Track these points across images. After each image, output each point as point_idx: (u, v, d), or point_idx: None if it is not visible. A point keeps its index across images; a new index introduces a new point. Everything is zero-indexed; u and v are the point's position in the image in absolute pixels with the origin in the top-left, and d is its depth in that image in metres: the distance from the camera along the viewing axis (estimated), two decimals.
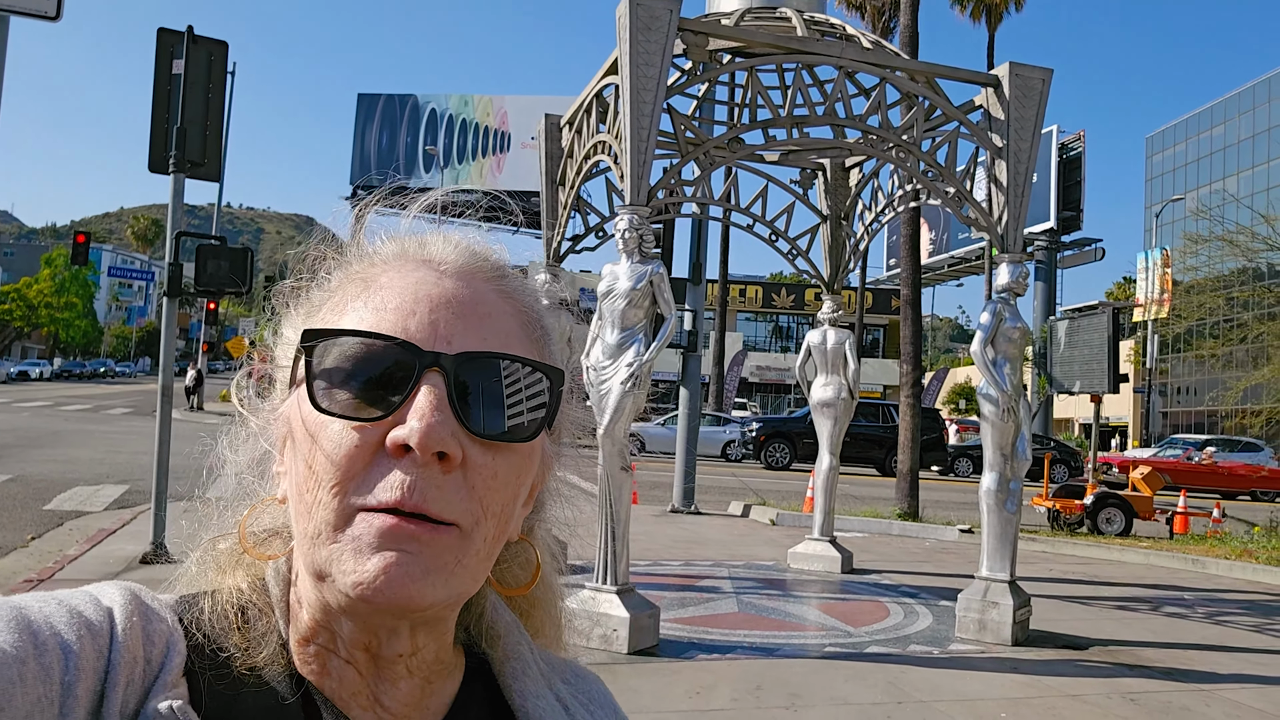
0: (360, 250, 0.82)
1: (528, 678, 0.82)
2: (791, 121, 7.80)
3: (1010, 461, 7.57)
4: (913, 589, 9.51)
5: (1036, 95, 7.74)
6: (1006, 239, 7.69)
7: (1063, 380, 16.00)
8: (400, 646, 0.73)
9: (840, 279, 10.83)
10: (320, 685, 0.72)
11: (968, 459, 29.53)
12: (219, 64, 9.41)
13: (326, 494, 0.67)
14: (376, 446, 0.67)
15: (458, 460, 0.68)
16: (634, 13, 6.82)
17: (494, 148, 58.42)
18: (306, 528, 0.69)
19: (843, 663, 6.57)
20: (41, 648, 0.60)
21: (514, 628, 0.85)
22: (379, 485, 0.66)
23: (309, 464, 0.69)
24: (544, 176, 9.84)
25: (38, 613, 0.63)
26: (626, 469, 6.83)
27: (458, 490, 0.68)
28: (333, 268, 0.81)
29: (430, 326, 0.71)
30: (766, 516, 14.75)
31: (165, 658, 0.67)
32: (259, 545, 0.78)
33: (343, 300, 0.75)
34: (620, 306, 6.94)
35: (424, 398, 0.67)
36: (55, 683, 0.60)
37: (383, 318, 0.71)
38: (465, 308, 0.73)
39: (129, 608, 0.67)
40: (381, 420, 0.67)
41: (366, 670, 0.73)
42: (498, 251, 0.82)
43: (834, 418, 10.42)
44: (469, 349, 0.70)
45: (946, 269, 59.84)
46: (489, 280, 0.78)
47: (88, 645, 0.63)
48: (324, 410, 0.68)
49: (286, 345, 0.79)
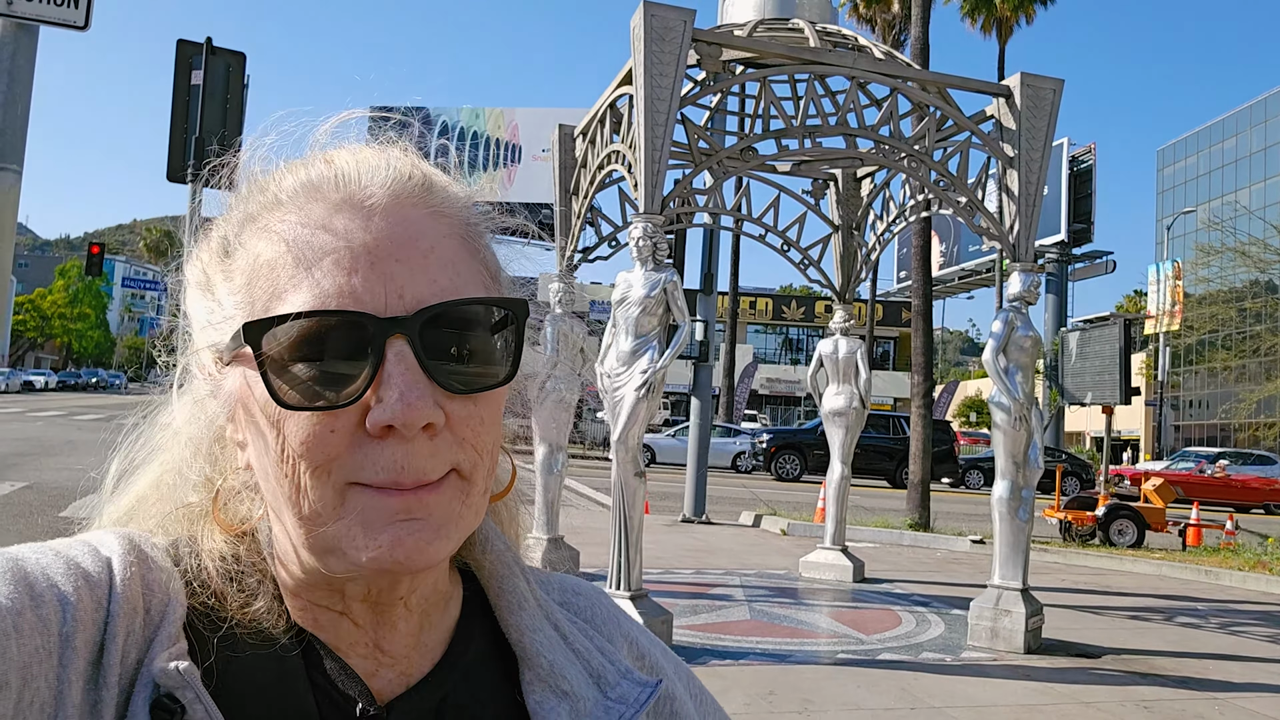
0: (260, 182, 0.73)
1: (524, 611, 0.79)
2: (804, 132, 7.85)
3: (1022, 470, 7.57)
4: (924, 598, 9.51)
5: (1048, 105, 7.78)
6: (1018, 248, 7.72)
7: (1074, 392, 15.98)
8: (401, 590, 0.71)
9: (852, 289, 10.86)
10: (317, 634, 0.71)
11: (979, 471, 29.44)
12: (237, 75, 9.51)
13: (310, 479, 0.64)
14: (354, 427, 0.63)
15: (441, 425, 0.64)
16: (649, 24, 6.89)
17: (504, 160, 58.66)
18: (298, 510, 0.65)
19: (855, 669, 6.58)
20: (38, 599, 0.59)
21: (506, 555, 0.81)
22: (368, 466, 0.63)
23: (281, 453, 0.65)
24: (557, 187, 9.91)
25: (34, 564, 0.61)
26: (640, 475, 6.86)
27: (449, 448, 0.65)
28: (231, 205, 0.74)
29: (377, 285, 0.64)
30: (777, 526, 14.75)
31: (166, 608, 0.65)
32: (226, 507, 0.73)
33: (264, 261, 0.67)
34: (634, 314, 6.99)
35: (395, 370, 0.62)
36: (53, 634, 0.59)
37: (321, 286, 0.64)
38: (405, 250, 0.66)
39: (128, 557, 0.65)
40: (353, 404, 0.63)
41: (364, 619, 0.71)
42: (416, 163, 0.73)
43: (846, 427, 10.44)
44: (423, 301, 0.65)
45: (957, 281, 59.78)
46: (418, 203, 0.70)
47: (85, 596, 0.61)
48: (288, 406, 0.63)
49: (210, 308, 0.71)
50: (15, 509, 11.50)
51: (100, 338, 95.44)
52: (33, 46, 4.56)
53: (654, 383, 6.88)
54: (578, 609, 0.85)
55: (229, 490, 0.73)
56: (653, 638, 0.89)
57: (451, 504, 0.66)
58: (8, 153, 4.45)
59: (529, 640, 0.77)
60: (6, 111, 4.44)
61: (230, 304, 0.69)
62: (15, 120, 4.47)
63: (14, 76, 4.46)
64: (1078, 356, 16.04)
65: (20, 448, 19.53)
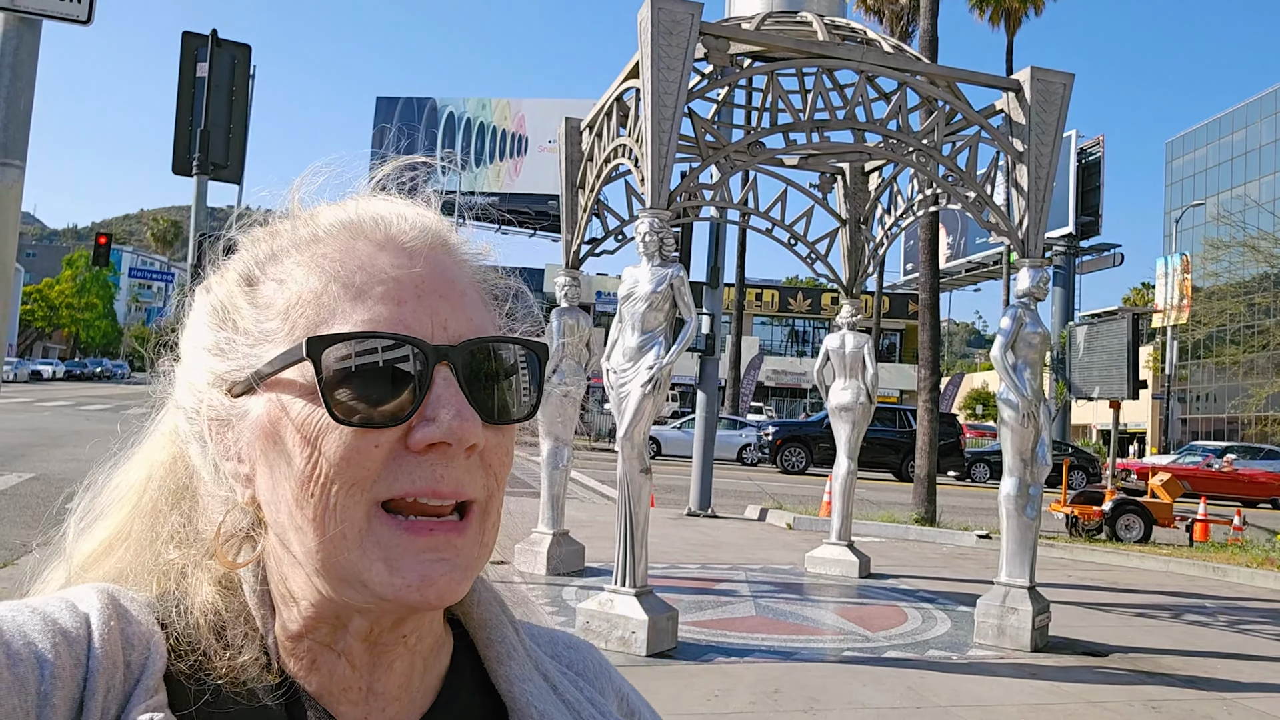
0: (293, 224, 0.76)
1: (513, 661, 0.79)
2: (811, 125, 7.80)
3: (1030, 467, 7.53)
4: (930, 594, 9.49)
5: (1058, 100, 7.72)
6: (1027, 244, 7.67)
7: (1081, 386, 15.92)
8: (406, 628, 0.72)
9: (859, 283, 10.82)
10: (306, 682, 0.70)
11: (985, 465, 29.39)
12: (242, 67, 9.50)
13: (343, 497, 0.65)
14: (392, 446, 0.66)
15: (481, 448, 0.68)
16: (656, 17, 6.84)
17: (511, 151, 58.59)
18: (322, 532, 0.65)
19: (861, 667, 6.56)
20: (14, 658, 0.59)
21: (494, 603, 0.83)
22: (404, 478, 0.66)
23: (310, 472, 0.66)
24: (563, 180, 9.87)
25: (10, 623, 0.62)
26: (646, 471, 6.84)
27: (479, 471, 0.69)
28: (262, 238, 0.76)
29: (425, 316, 0.69)
30: (783, 520, 14.73)
31: (146, 661, 0.65)
32: (223, 550, 0.73)
33: (308, 292, 0.70)
34: (640, 309, 6.96)
35: (445, 393, 0.66)
36: (31, 693, 0.59)
37: (376, 312, 0.68)
38: (446, 288, 0.71)
39: (106, 611, 0.66)
40: (403, 423, 0.66)
41: (361, 660, 0.71)
42: (442, 218, 0.79)
43: (852, 422, 10.41)
44: (463, 334, 0.70)
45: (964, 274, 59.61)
46: (446, 253, 0.75)
47: (64, 653, 0.61)
48: (345, 421, 0.65)
49: (229, 338, 0.72)
50: (22, 500, 11.52)
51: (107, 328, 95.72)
52: (35, 41, 4.53)
53: (660, 378, 6.85)
54: (569, 661, 0.86)
55: (226, 533, 0.74)
56: (641, 696, 0.91)
57: (474, 543, 0.69)
58: (11, 148, 4.43)
59: (518, 690, 0.78)
60: (9, 106, 4.42)
61: (259, 331, 0.71)
62: (18, 115, 4.44)
63: (17, 71, 4.43)
64: (1085, 350, 15.97)
65: (28, 438, 19.58)
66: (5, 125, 4.33)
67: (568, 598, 8.07)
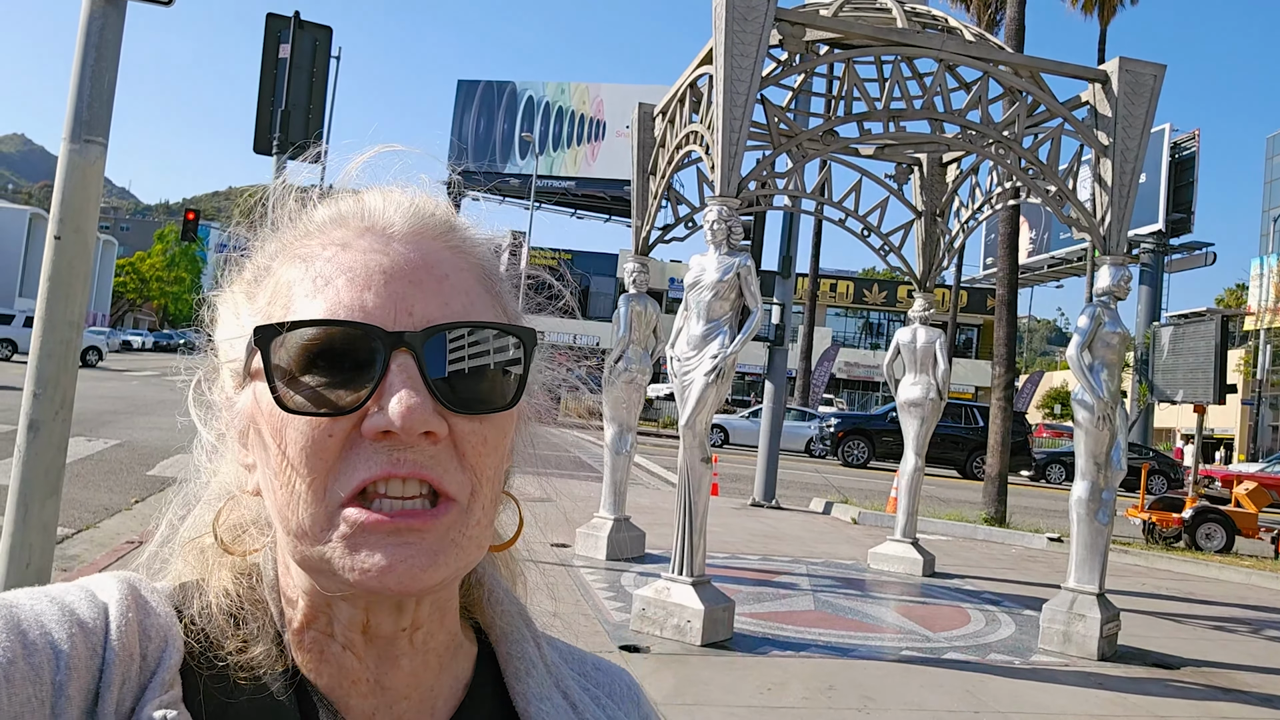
0: (291, 218, 0.77)
1: (531, 678, 0.78)
2: (888, 115, 7.65)
3: (1104, 470, 7.32)
4: (996, 596, 9.29)
5: (1147, 92, 7.44)
6: (1109, 240, 7.42)
7: (1165, 389, 15.41)
8: (403, 622, 0.71)
9: (933, 277, 10.60)
10: (317, 676, 0.70)
11: (1061, 466, 28.67)
12: (323, 48, 9.65)
13: (305, 490, 0.65)
14: (349, 435, 0.65)
15: (443, 435, 0.65)
16: (730, 2, 6.76)
17: (589, 136, 58.75)
18: (290, 525, 0.66)
19: (919, 667, 6.46)
20: (30, 648, 0.59)
21: (515, 615, 0.81)
22: (361, 467, 0.64)
23: (280, 462, 0.66)
24: (635, 166, 9.85)
25: (28, 611, 0.62)
26: (707, 460, 6.81)
27: (450, 460, 0.66)
28: (265, 238, 0.77)
29: (388, 301, 0.67)
30: (848, 515, 14.57)
31: (162, 654, 0.65)
32: (235, 540, 0.75)
33: (284, 283, 0.71)
34: (706, 298, 6.91)
35: (397, 381, 0.64)
36: (46, 683, 0.59)
37: (335, 299, 0.67)
38: (420, 273, 0.69)
39: (125, 602, 0.65)
40: (354, 412, 0.64)
41: (365, 654, 0.71)
42: (442, 204, 0.77)
43: (921, 418, 10.22)
44: (432, 320, 0.67)
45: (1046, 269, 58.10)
46: (438, 238, 0.73)
47: (80, 644, 0.61)
48: (290, 409, 0.65)
49: (230, 330, 0.75)
50: (107, 465, 11.96)
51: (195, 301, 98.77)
52: (120, 22, 4.64)
53: (724, 368, 6.80)
54: (596, 682, 0.84)
55: (237, 523, 0.76)
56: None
57: (449, 531, 0.65)
58: (95, 125, 4.55)
59: (535, 709, 0.76)
60: (95, 85, 4.53)
61: (250, 324, 0.71)
62: (102, 94, 4.56)
63: (101, 51, 4.55)
64: (1170, 352, 15.44)
65: (116, 405, 20.31)
66: (90, 103, 4.45)
67: (626, 583, 8.09)
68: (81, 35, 4.48)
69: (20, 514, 4.29)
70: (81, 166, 4.38)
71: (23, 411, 4.25)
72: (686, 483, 6.77)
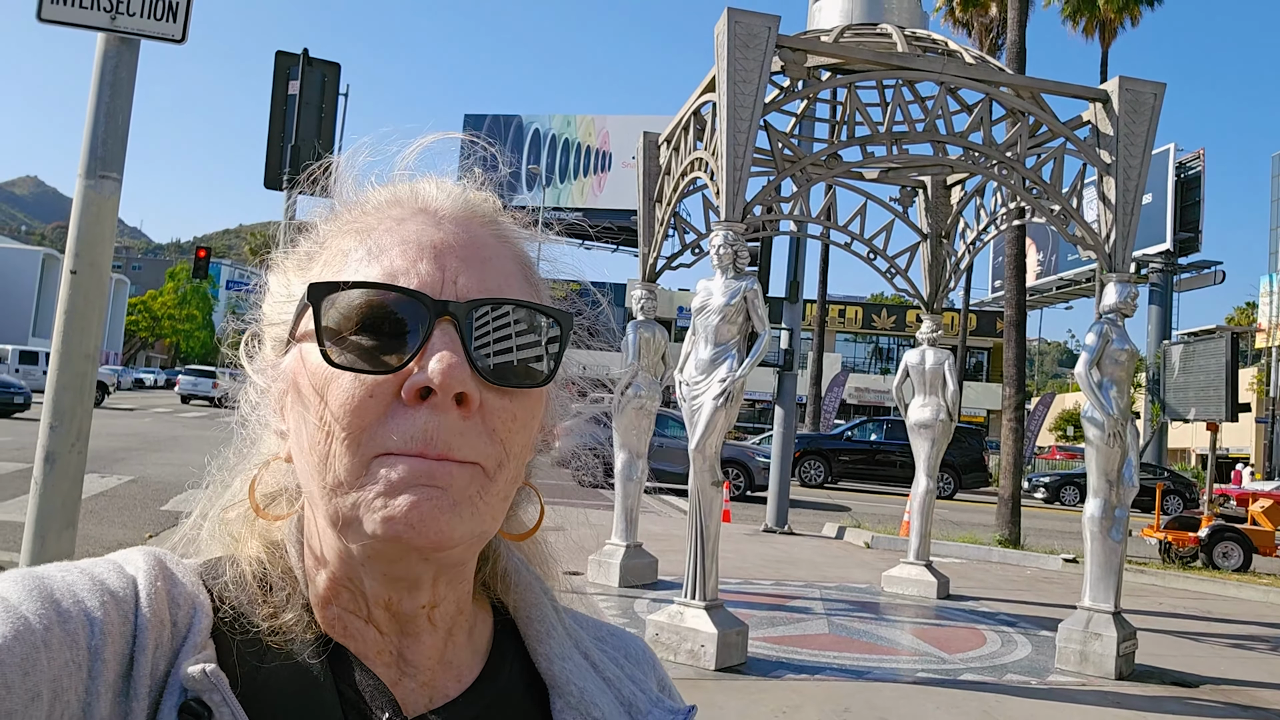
0: (351, 198, 0.81)
1: (552, 639, 0.81)
2: (891, 138, 7.71)
3: (1116, 488, 7.29)
4: (1011, 617, 9.24)
5: (1148, 110, 7.49)
6: (1115, 258, 7.45)
7: (1177, 407, 15.37)
8: (422, 598, 0.73)
9: (940, 298, 10.63)
10: (344, 644, 0.73)
11: (1074, 487, 28.49)
12: (332, 84, 9.78)
13: (341, 446, 0.67)
14: (391, 397, 0.67)
15: (476, 403, 0.67)
16: (732, 30, 6.86)
17: (595, 167, 59.11)
18: (324, 480, 0.68)
19: (935, 689, 6.42)
20: (65, 615, 0.61)
21: (535, 585, 0.84)
22: (398, 434, 0.66)
23: (320, 419, 0.68)
24: (641, 194, 9.93)
25: (60, 582, 0.64)
26: (718, 484, 6.82)
27: (478, 434, 0.68)
28: (322, 217, 0.81)
29: (436, 274, 0.70)
30: (861, 539, 14.51)
31: (192, 620, 0.67)
32: (266, 507, 0.77)
33: (339, 251, 0.74)
34: (714, 322, 6.95)
35: (439, 344, 0.67)
36: (82, 648, 0.61)
37: (387, 267, 0.70)
38: (466, 252, 0.73)
39: (153, 573, 0.68)
40: (397, 372, 0.67)
41: (388, 628, 0.73)
42: (490, 197, 0.82)
43: (931, 439, 10.21)
44: (475, 295, 0.70)
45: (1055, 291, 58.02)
46: (485, 225, 0.77)
47: (112, 611, 0.63)
48: (336, 364, 0.67)
49: (280, 300, 0.78)
50: (120, 501, 12.01)
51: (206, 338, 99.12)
52: (134, 60, 4.73)
53: (733, 391, 6.82)
54: (614, 645, 0.88)
55: (268, 492, 0.78)
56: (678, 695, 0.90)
57: (469, 487, 0.67)
58: (110, 162, 4.62)
59: (558, 668, 0.79)
60: (109, 122, 4.62)
61: (301, 290, 0.73)
62: (116, 131, 4.64)
63: (116, 89, 4.64)
64: (1181, 371, 15.42)
65: (129, 442, 20.39)
66: (105, 140, 4.53)
67: (639, 610, 8.07)
68: (96, 73, 4.57)
69: (36, 546, 4.33)
70: (97, 202, 4.46)
71: (39, 444, 4.29)
72: (698, 506, 6.78)
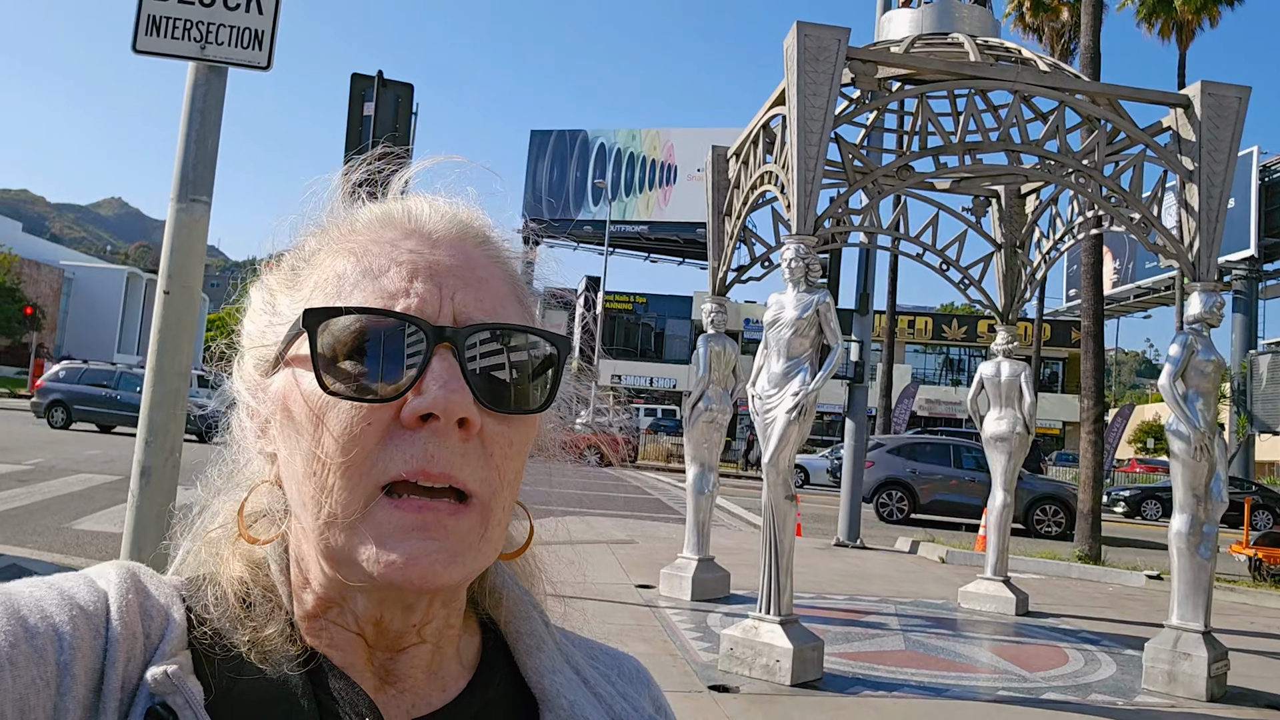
0: (341, 217, 0.79)
1: (542, 653, 0.80)
2: (964, 148, 7.63)
3: (1204, 503, 7.08)
4: (1094, 635, 9.00)
5: (1232, 115, 7.29)
6: (1198, 267, 7.26)
7: (1265, 419, 14.88)
8: (415, 617, 0.72)
9: (1015, 309, 10.45)
10: (328, 655, 0.71)
11: (1156, 501, 27.67)
12: (405, 105, 9.98)
13: (339, 478, 0.66)
14: (389, 423, 0.66)
15: (476, 428, 0.67)
16: (802, 44, 6.85)
17: (660, 180, 59.31)
18: (319, 512, 0.67)
19: (1017, 708, 6.29)
20: (32, 631, 0.60)
21: (524, 600, 0.83)
22: (398, 458, 0.65)
23: (315, 447, 0.67)
24: (710, 208, 9.95)
25: (28, 598, 0.63)
26: (791, 498, 6.79)
27: (478, 458, 0.67)
28: (311, 235, 0.79)
29: (433, 297, 0.69)
30: (936, 554, 14.28)
31: (164, 632, 0.67)
32: (250, 528, 0.76)
33: (333, 273, 0.72)
34: (786, 336, 6.93)
35: (439, 370, 0.66)
36: (50, 664, 0.60)
37: (382, 291, 0.69)
38: (462, 274, 0.72)
39: (124, 585, 0.67)
40: (394, 400, 0.66)
41: (376, 641, 0.72)
42: (480, 215, 0.80)
43: (1008, 452, 10.02)
44: (472, 319, 0.69)
45: (1133, 300, 56.59)
46: (478, 245, 0.76)
47: (82, 626, 0.63)
48: (334, 393, 0.66)
49: (263, 317, 0.76)
50: None
51: None
52: (222, 87, 4.90)
53: (806, 405, 6.79)
54: (605, 662, 0.86)
55: (252, 513, 0.76)
56: (673, 715, 0.89)
57: (471, 532, 0.67)
58: (200, 185, 4.79)
59: (548, 682, 0.78)
60: (199, 148, 4.79)
61: (289, 311, 0.73)
62: (206, 156, 4.81)
63: (205, 116, 4.80)
64: (1269, 381, 14.94)
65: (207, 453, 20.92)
66: (195, 165, 4.70)
67: (712, 624, 8.05)
68: (187, 102, 4.75)
69: (134, 557, 4.49)
70: (188, 224, 4.63)
71: (135, 459, 4.45)
72: (771, 521, 6.75)
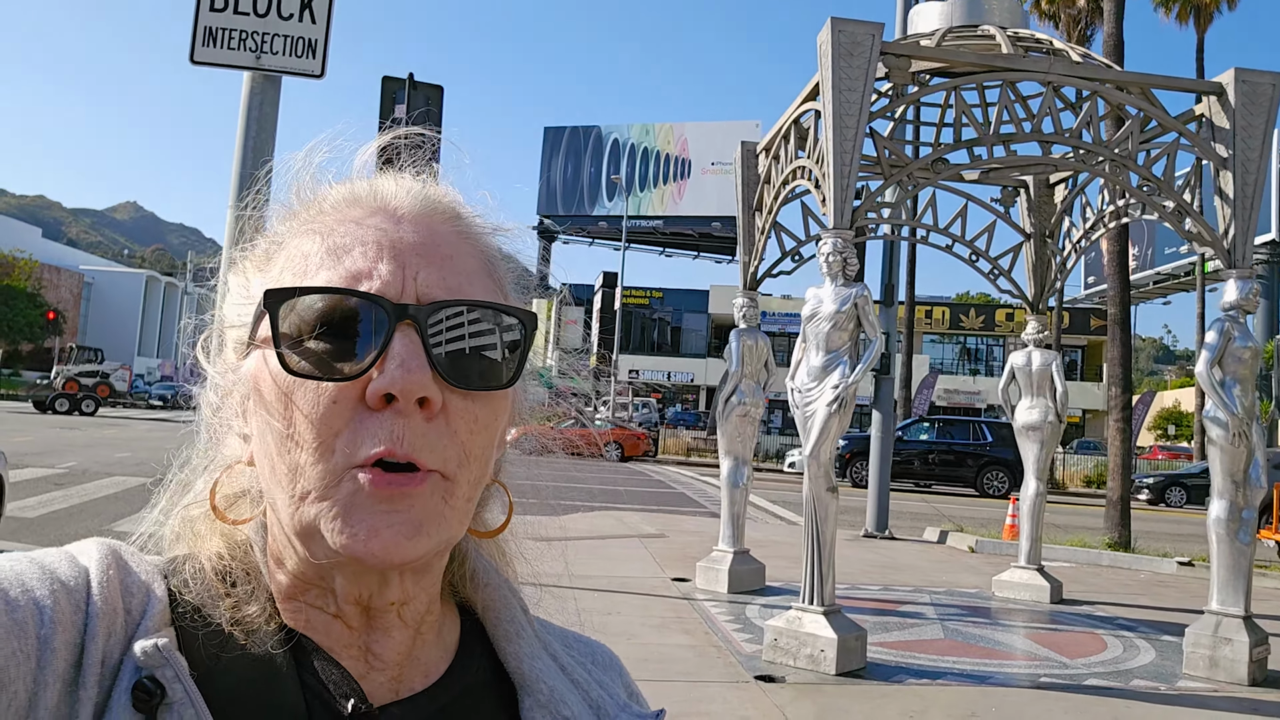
0: (308, 197, 0.79)
1: (521, 639, 0.81)
2: (997, 140, 7.67)
3: (1243, 489, 7.12)
4: (1130, 622, 9.04)
5: (1266, 101, 7.31)
6: (1234, 254, 7.28)
7: None
8: (392, 595, 0.72)
9: (1045, 299, 10.49)
10: (309, 637, 0.72)
11: (1181, 488, 27.58)
12: (435, 106, 10.10)
13: (309, 455, 0.66)
14: (355, 403, 0.66)
15: (438, 406, 0.67)
16: (836, 39, 6.91)
17: (675, 175, 59.35)
18: (290, 490, 0.67)
19: (1060, 694, 6.35)
20: (12, 604, 0.61)
21: (503, 586, 0.83)
22: (364, 439, 0.65)
23: (285, 426, 0.67)
24: (740, 203, 10.02)
25: (8, 572, 0.63)
26: (833, 490, 6.86)
27: (441, 436, 0.67)
28: (279, 215, 0.79)
29: (397, 275, 0.69)
30: (965, 544, 14.31)
31: (146, 607, 0.67)
32: (228, 509, 0.76)
33: (299, 253, 0.73)
34: (825, 329, 7.00)
35: (399, 348, 0.66)
36: (30, 637, 0.60)
37: (345, 270, 0.69)
38: (428, 249, 0.72)
39: (105, 561, 0.67)
40: (358, 378, 0.66)
41: (357, 622, 0.72)
42: (450, 192, 0.80)
43: (1040, 441, 10.06)
44: (436, 297, 0.69)
45: (1152, 286, 56.21)
46: (446, 221, 0.76)
47: (63, 600, 0.63)
48: (296, 373, 0.66)
49: (239, 301, 0.76)
50: None
51: None
52: (276, 96, 5.00)
53: (846, 397, 6.86)
54: (579, 650, 0.88)
55: (230, 494, 0.77)
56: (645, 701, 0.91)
57: (432, 501, 0.67)
58: None
59: (527, 667, 0.79)
60: (256, 153, 4.90)
61: (260, 293, 0.72)
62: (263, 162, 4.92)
63: (262, 124, 4.91)
64: None
65: None
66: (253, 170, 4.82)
67: (751, 615, 8.14)
68: (243, 110, 4.86)
69: None
70: None
71: None
72: (813, 513, 6.83)
